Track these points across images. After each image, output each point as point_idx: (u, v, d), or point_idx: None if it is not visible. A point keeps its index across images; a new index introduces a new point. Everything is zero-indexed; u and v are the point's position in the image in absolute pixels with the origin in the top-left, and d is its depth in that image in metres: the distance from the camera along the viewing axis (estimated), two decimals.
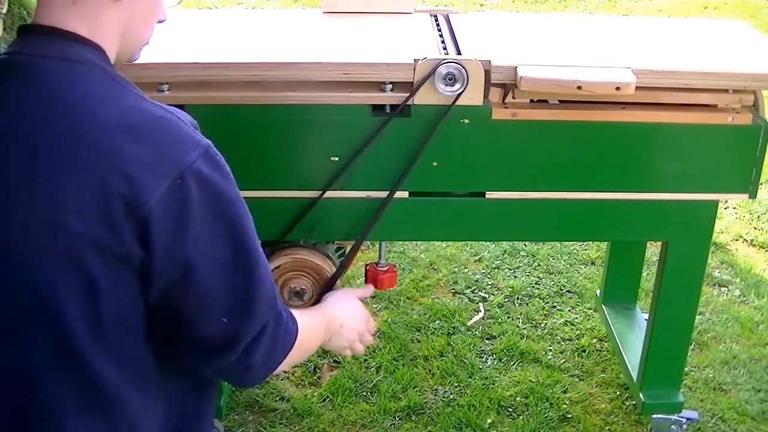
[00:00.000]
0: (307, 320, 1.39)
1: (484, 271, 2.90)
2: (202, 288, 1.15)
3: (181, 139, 1.12)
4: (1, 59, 1.15)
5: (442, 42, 1.81)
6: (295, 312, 1.36)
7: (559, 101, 1.71)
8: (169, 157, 1.09)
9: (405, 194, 1.73)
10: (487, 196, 1.76)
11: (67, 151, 1.07)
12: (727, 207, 3.32)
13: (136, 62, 1.63)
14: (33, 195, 1.07)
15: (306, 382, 2.37)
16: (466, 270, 2.90)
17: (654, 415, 2.08)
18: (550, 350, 2.51)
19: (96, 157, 1.07)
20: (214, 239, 1.14)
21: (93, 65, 1.14)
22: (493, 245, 3.01)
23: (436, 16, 2.00)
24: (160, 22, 1.26)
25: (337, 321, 1.54)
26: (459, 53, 1.73)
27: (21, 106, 1.10)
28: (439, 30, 1.90)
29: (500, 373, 2.41)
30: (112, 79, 1.15)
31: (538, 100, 1.70)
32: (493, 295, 2.77)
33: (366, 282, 1.87)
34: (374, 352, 2.47)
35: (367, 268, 1.84)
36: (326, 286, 1.69)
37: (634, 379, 2.11)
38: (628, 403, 2.29)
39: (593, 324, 2.61)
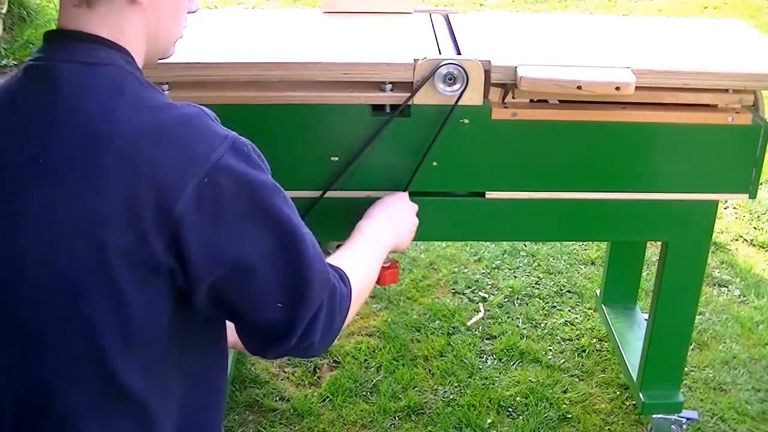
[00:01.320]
0: (359, 265, 1.39)
1: (484, 271, 2.90)
2: (252, 280, 1.13)
3: (206, 136, 1.10)
4: (28, 66, 1.14)
5: (442, 42, 1.81)
6: (345, 260, 1.36)
7: (559, 101, 1.71)
8: (195, 156, 1.07)
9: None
10: (486, 196, 1.76)
11: (92, 159, 1.06)
12: (727, 207, 3.32)
13: None
14: (61, 205, 1.06)
15: (306, 382, 2.37)
16: (466, 270, 2.90)
17: (654, 415, 2.09)
18: (550, 350, 2.51)
19: (121, 164, 1.05)
20: (255, 230, 1.12)
21: (117, 68, 1.13)
22: (493, 245, 3.01)
23: (436, 16, 2.00)
24: (191, 12, 1.25)
25: (384, 224, 1.55)
26: (459, 53, 1.73)
27: (47, 116, 1.09)
28: (439, 30, 1.90)
29: (500, 373, 2.41)
30: (136, 81, 1.13)
31: (538, 100, 1.70)
32: (493, 295, 2.77)
33: None
34: (374, 352, 2.47)
35: None
36: None
37: (634, 379, 2.11)
38: (628, 403, 2.29)
39: (593, 324, 2.61)
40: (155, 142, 1.07)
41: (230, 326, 1.61)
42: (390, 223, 1.58)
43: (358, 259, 1.43)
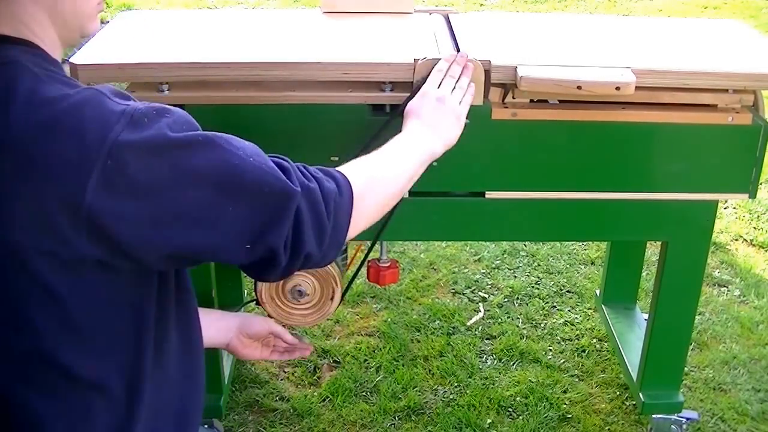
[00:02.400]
0: (365, 162, 1.34)
1: (483, 271, 2.90)
2: (203, 237, 1.10)
3: (99, 118, 1.03)
4: None
5: (442, 42, 1.81)
6: (350, 162, 1.31)
7: (559, 101, 1.71)
8: (89, 143, 1.01)
9: (405, 194, 1.73)
10: (486, 195, 1.76)
11: None
12: (727, 207, 3.32)
13: (136, 62, 1.64)
14: None
15: (306, 382, 2.37)
16: (466, 270, 2.90)
17: (654, 415, 2.09)
18: (550, 350, 2.51)
19: (18, 168, 1.01)
20: (184, 191, 1.07)
21: (15, 65, 1.07)
22: (493, 245, 3.01)
23: (436, 16, 2.00)
24: None
25: (424, 128, 1.46)
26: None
27: None
28: (439, 30, 1.89)
29: (500, 373, 2.41)
30: (31, 75, 1.07)
31: (538, 100, 1.70)
32: (492, 295, 2.77)
33: (368, 279, 1.87)
34: (374, 352, 2.47)
35: (369, 264, 1.84)
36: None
37: (634, 379, 2.12)
38: (628, 403, 2.29)
39: (593, 324, 2.61)
40: (48, 138, 1.02)
41: (224, 326, 1.60)
42: (422, 121, 1.48)
43: (367, 158, 1.36)
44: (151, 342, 1.18)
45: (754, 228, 3.21)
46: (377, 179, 1.34)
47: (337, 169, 1.27)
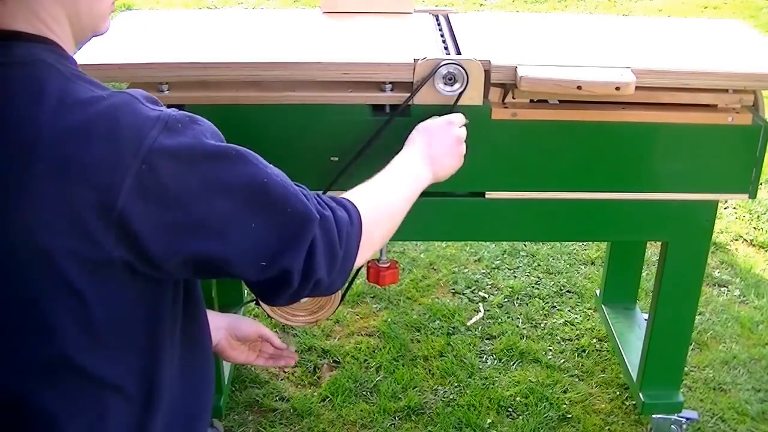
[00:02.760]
0: (371, 190, 1.38)
1: (483, 271, 2.90)
2: (221, 248, 1.10)
3: (134, 124, 1.04)
4: None
5: (443, 42, 1.81)
6: (355, 189, 1.34)
7: (559, 101, 1.71)
8: (125, 148, 1.02)
9: None
10: (486, 196, 1.76)
11: (26, 167, 1.02)
12: (727, 207, 3.32)
13: (136, 62, 1.64)
14: (5, 216, 1.03)
15: (306, 382, 2.37)
16: (466, 270, 2.90)
17: (654, 415, 2.09)
18: (550, 350, 2.51)
19: (51, 171, 1.01)
20: (212, 201, 1.08)
21: (38, 64, 1.07)
22: (493, 245, 3.01)
23: (436, 16, 2.00)
24: None
25: (425, 159, 1.52)
26: (459, 53, 1.73)
27: None
28: (439, 30, 1.90)
29: (500, 373, 2.41)
30: (60, 76, 1.07)
31: (538, 100, 1.70)
32: (492, 295, 2.77)
33: (368, 279, 1.87)
34: (374, 352, 2.48)
35: (369, 264, 1.84)
36: None
37: (634, 379, 2.12)
38: (627, 403, 2.30)
39: (593, 324, 2.61)
40: (83, 141, 1.02)
41: (213, 326, 1.60)
42: (425, 150, 1.52)
43: (372, 186, 1.40)
44: (166, 345, 1.19)
45: (754, 228, 3.21)
46: (383, 211, 1.38)
47: (346, 197, 1.29)
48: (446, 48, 1.77)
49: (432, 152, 1.54)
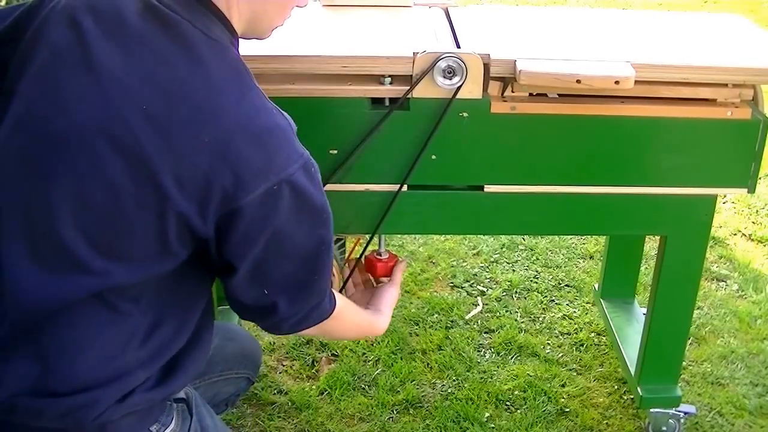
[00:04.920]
0: (356, 314, 1.56)
1: (482, 264, 2.90)
2: (264, 273, 1.25)
3: (288, 150, 1.19)
4: (149, 3, 1.18)
5: (442, 35, 1.81)
6: (351, 305, 1.53)
7: (558, 95, 1.71)
8: (275, 165, 1.16)
9: (403, 187, 1.73)
10: (485, 189, 1.76)
11: (193, 126, 1.12)
12: (726, 201, 3.32)
13: None
14: (162, 144, 1.12)
15: (304, 376, 2.37)
16: (465, 264, 2.90)
17: (652, 409, 2.09)
18: (548, 344, 2.51)
19: (215, 145, 1.12)
20: (292, 237, 1.22)
21: (228, 49, 1.20)
22: (492, 239, 3.01)
23: (435, 10, 1.99)
24: (299, 6, 1.31)
25: (385, 313, 1.67)
26: (458, 47, 1.73)
27: (172, 74, 1.15)
28: (439, 23, 1.89)
29: (498, 367, 2.41)
30: (243, 70, 1.20)
31: (537, 94, 1.70)
32: (491, 288, 2.77)
33: (366, 271, 1.87)
34: (372, 345, 2.48)
35: (368, 257, 1.84)
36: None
37: (632, 373, 2.12)
38: (626, 397, 2.30)
39: (591, 318, 2.62)
40: (250, 140, 1.14)
41: None
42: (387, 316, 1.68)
43: (360, 315, 1.59)
44: (201, 307, 1.33)
45: (753, 223, 3.21)
46: (345, 330, 1.57)
47: (337, 299, 1.42)
48: (445, 41, 1.77)
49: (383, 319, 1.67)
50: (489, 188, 1.76)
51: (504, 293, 2.74)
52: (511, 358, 2.45)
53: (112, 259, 1.16)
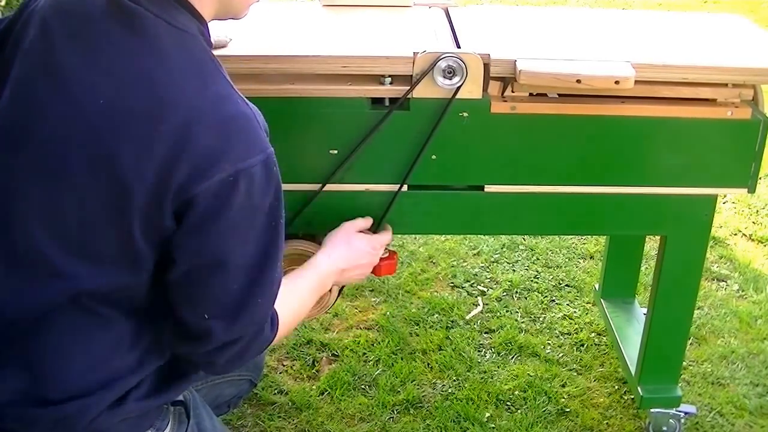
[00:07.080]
0: (293, 310, 1.44)
1: (482, 264, 2.90)
2: (205, 281, 1.19)
3: (250, 141, 1.16)
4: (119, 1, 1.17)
5: (442, 35, 1.81)
6: (286, 301, 1.38)
7: (558, 95, 1.71)
8: (233, 155, 1.13)
9: (404, 187, 1.73)
10: (485, 189, 1.76)
11: (152, 117, 1.11)
12: (726, 201, 3.32)
13: None
14: (122, 138, 1.12)
15: (304, 376, 2.37)
16: (465, 264, 2.90)
17: (652, 409, 2.09)
18: (549, 344, 2.51)
19: (173, 135, 1.11)
20: (240, 242, 1.18)
21: (195, 38, 1.18)
22: (492, 239, 3.01)
23: (435, 10, 1.99)
24: None
25: (335, 273, 1.59)
26: (458, 47, 1.73)
27: (122, 59, 1.14)
28: (439, 23, 1.89)
29: (498, 367, 2.41)
30: (208, 60, 1.19)
31: (537, 94, 1.70)
32: (491, 288, 2.77)
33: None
34: (373, 345, 2.48)
35: None
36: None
37: (633, 373, 2.12)
38: (626, 397, 2.30)
39: (592, 318, 2.62)
40: (210, 128, 1.12)
41: None
42: (344, 266, 1.61)
43: (297, 303, 1.48)
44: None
45: (753, 223, 3.21)
46: (289, 327, 1.44)
47: (277, 313, 1.33)
48: (445, 41, 1.77)
49: (346, 272, 1.62)
50: (489, 188, 1.76)
51: (504, 293, 2.74)
52: (512, 358, 2.45)
53: (84, 260, 1.16)
